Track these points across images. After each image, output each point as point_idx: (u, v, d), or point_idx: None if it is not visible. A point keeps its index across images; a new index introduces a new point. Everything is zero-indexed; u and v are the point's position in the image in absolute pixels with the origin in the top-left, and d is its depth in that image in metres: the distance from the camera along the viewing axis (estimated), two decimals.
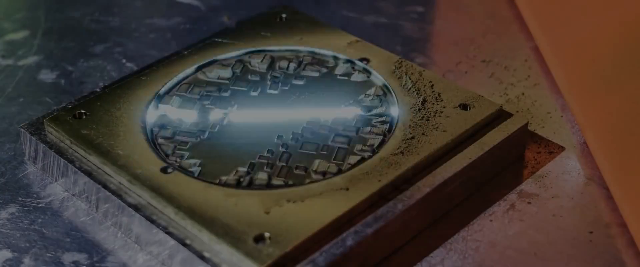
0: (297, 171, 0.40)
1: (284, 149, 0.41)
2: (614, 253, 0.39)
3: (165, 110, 0.44)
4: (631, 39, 0.47)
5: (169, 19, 0.55)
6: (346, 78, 0.46)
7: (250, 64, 0.47)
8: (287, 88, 0.45)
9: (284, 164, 0.40)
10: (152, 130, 0.42)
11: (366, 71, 0.46)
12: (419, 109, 0.43)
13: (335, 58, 0.47)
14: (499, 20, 0.54)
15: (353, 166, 0.40)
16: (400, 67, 0.46)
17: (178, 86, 0.45)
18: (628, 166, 0.42)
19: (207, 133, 0.42)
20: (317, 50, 0.47)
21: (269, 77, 0.46)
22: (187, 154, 0.41)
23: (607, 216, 0.41)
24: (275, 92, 0.45)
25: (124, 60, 0.51)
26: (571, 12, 0.51)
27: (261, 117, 0.43)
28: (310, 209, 0.37)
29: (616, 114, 0.44)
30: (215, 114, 0.43)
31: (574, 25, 0.50)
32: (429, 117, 0.42)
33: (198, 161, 0.40)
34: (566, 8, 0.52)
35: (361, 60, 0.46)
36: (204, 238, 0.36)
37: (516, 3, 0.55)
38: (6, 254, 0.39)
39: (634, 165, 0.41)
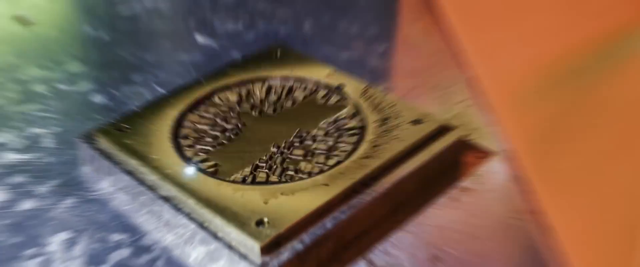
0: (288, 171, 0.40)
1: (278, 155, 0.42)
2: (529, 233, 0.39)
3: (188, 125, 0.44)
4: (543, 69, 0.47)
5: (191, 55, 0.55)
6: (326, 101, 0.46)
7: (252, 89, 0.47)
8: (281, 109, 0.45)
9: (279, 166, 0.41)
10: (177, 140, 0.43)
11: (341, 94, 0.46)
12: (382, 124, 0.43)
13: (318, 84, 0.47)
14: (443, 56, 0.54)
15: (331, 167, 0.40)
16: (367, 92, 0.46)
17: (197, 106, 0.46)
18: (543, 166, 0.42)
19: (220, 142, 0.43)
20: (303, 78, 0.48)
21: (266, 100, 0.46)
22: (204, 158, 0.41)
23: (526, 205, 0.41)
24: (271, 112, 0.45)
25: (157, 87, 0.51)
26: (499, 49, 0.52)
27: (261, 130, 0.44)
28: (299, 200, 0.38)
29: (534, 125, 0.44)
30: (226, 128, 0.44)
31: (502, 60, 0.51)
32: (389, 130, 0.43)
33: (213, 164, 0.41)
34: (496, 46, 0.52)
35: (338, 86, 0.47)
36: (217, 222, 0.37)
37: (457, 40, 0.55)
38: (66, 234, 0.40)
39: (548, 165, 0.42)
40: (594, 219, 0.37)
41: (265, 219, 0.36)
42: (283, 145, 0.42)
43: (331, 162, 0.41)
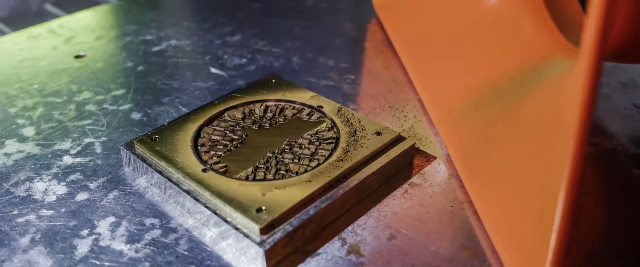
0: (281, 171, 0.40)
1: (273, 158, 0.41)
2: (464, 218, 0.39)
3: (204, 136, 0.44)
4: (471, 94, 0.47)
5: (207, 82, 0.55)
6: (309, 117, 0.46)
7: (253, 109, 0.47)
8: (275, 123, 0.45)
9: (273, 167, 0.40)
10: (196, 147, 0.42)
11: (321, 113, 0.46)
12: (352, 135, 0.43)
13: (303, 105, 0.47)
14: (398, 83, 0.54)
15: (313, 168, 0.40)
16: (341, 111, 0.46)
17: (212, 122, 0.45)
18: (472, 167, 0.42)
19: (228, 149, 0.42)
20: (292, 100, 0.47)
21: (264, 117, 0.46)
22: (217, 161, 0.41)
23: (460, 196, 0.41)
24: (268, 126, 0.45)
25: (181, 107, 0.51)
26: (438, 79, 0.52)
27: (260, 140, 0.43)
28: (289, 193, 0.38)
29: (464, 137, 0.44)
30: (233, 138, 0.44)
31: (440, 87, 0.51)
32: (357, 140, 0.43)
33: (224, 165, 0.41)
34: (436, 77, 0.52)
35: (318, 107, 0.46)
36: (226, 210, 0.37)
37: (407, 72, 0.55)
38: (112, 219, 0.39)
39: (474, 166, 0.42)
40: (510, 207, 0.37)
41: (263, 207, 0.36)
42: (277, 151, 0.42)
43: (313, 164, 0.41)
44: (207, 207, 0.38)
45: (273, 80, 0.50)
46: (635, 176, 0.43)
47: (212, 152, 0.42)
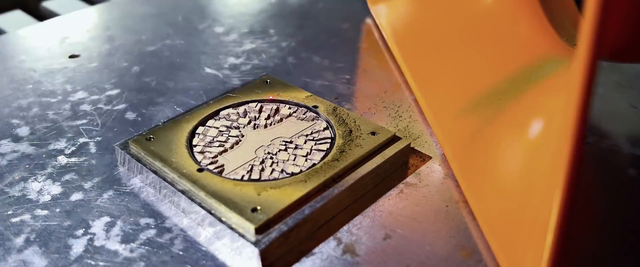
0: (276, 171, 0.40)
1: (268, 158, 0.41)
2: (460, 218, 0.39)
3: (199, 135, 0.44)
4: (465, 94, 0.47)
5: (202, 82, 0.55)
6: (304, 117, 0.46)
7: (248, 109, 0.47)
8: (270, 123, 0.45)
9: (269, 166, 0.40)
10: (191, 147, 0.42)
11: (316, 113, 0.46)
12: (347, 135, 0.43)
13: (298, 105, 0.47)
14: (393, 83, 0.54)
15: (309, 168, 0.40)
16: (336, 110, 0.46)
17: (207, 121, 0.45)
18: (466, 167, 0.42)
19: (224, 149, 0.42)
20: (287, 100, 0.47)
21: (259, 117, 0.46)
22: (212, 161, 0.41)
23: (456, 196, 0.41)
24: (264, 125, 0.45)
25: (176, 107, 0.51)
26: (433, 79, 0.52)
27: (255, 140, 0.43)
28: (284, 193, 0.38)
29: (460, 136, 0.44)
30: (229, 138, 0.44)
31: (435, 87, 0.51)
32: (352, 140, 0.43)
33: (219, 165, 0.41)
34: (431, 77, 0.52)
35: (313, 106, 0.46)
36: (222, 210, 0.37)
37: (403, 72, 0.55)
38: (107, 218, 0.39)
39: (470, 166, 0.42)
40: (506, 207, 0.37)
41: (259, 207, 0.36)
42: (272, 151, 0.42)
43: (308, 164, 0.41)
44: (202, 207, 0.38)
45: (268, 80, 0.50)
46: (631, 176, 0.43)
47: (207, 152, 0.42)
